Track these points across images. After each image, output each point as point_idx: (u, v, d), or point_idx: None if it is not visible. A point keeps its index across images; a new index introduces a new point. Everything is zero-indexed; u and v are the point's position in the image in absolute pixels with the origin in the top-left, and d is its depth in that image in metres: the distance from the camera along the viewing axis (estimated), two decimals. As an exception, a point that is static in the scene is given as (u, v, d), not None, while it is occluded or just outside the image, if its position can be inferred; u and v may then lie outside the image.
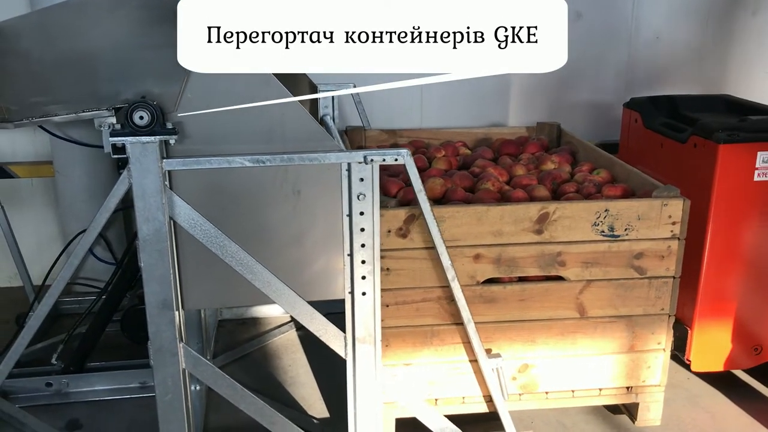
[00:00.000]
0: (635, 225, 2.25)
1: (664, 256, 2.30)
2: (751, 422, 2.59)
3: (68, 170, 3.25)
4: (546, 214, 2.21)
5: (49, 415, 2.56)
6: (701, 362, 2.69)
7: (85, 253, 2.02)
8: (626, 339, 2.38)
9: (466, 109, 3.71)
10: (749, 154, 2.46)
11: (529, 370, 2.37)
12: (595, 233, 2.25)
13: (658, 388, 2.46)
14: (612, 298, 2.33)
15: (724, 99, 3.09)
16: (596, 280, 2.30)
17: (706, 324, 2.63)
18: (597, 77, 3.76)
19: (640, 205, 2.25)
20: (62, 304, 3.31)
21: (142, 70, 1.83)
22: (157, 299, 1.95)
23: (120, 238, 3.45)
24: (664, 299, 2.35)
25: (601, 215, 2.23)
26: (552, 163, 2.78)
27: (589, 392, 2.43)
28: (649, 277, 2.32)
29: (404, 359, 2.29)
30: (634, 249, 2.28)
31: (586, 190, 2.50)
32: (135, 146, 1.82)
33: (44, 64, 1.80)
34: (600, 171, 2.67)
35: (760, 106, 2.91)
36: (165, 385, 2.03)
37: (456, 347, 2.30)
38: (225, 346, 3.06)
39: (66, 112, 1.85)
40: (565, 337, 2.35)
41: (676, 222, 2.27)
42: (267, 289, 2.03)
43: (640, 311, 2.35)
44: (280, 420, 2.17)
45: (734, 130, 2.47)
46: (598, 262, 2.28)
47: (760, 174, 2.48)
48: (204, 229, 1.96)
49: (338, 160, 1.96)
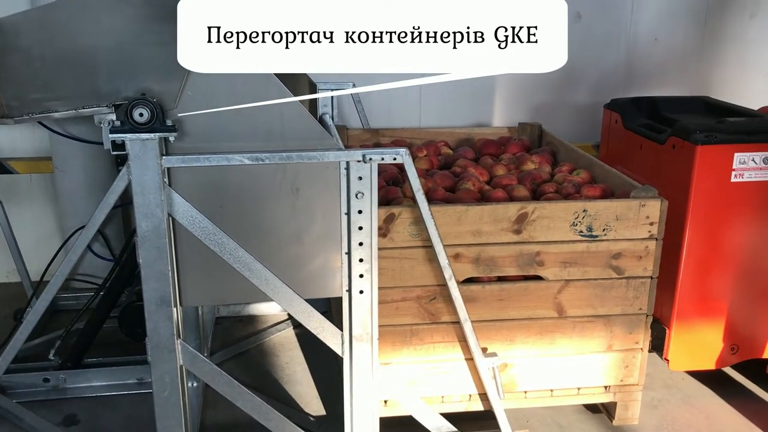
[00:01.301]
0: (613, 225, 2.27)
1: (641, 257, 2.31)
2: (745, 423, 2.61)
3: (67, 166, 3.25)
4: (525, 214, 2.22)
5: (47, 411, 2.57)
6: (679, 361, 2.71)
7: (84, 249, 2.02)
8: (604, 339, 2.40)
9: (465, 109, 3.72)
10: (726, 155, 2.48)
11: (508, 370, 2.38)
12: (573, 233, 2.26)
13: (636, 387, 2.47)
14: (590, 297, 2.34)
15: (704, 101, 3.12)
16: (574, 280, 2.31)
17: (683, 323, 2.65)
18: (595, 78, 3.78)
19: (618, 205, 2.27)
20: (60, 300, 3.32)
21: (143, 68, 1.83)
22: (155, 296, 1.96)
23: (118, 235, 3.46)
24: (642, 299, 2.36)
25: (580, 215, 2.24)
26: (532, 164, 2.80)
27: (568, 391, 2.45)
28: (627, 277, 2.33)
29: (383, 358, 2.28)
30: (612, 249, 2.30)
31: (565, 190, 2.51)
32: (134, 143, 1.82)
33: (45, 60, 1.80)
34: (580, 171, 2.68)
35: (738, 108, 2.94)
36: (162, 381, 2.04)
37: (436, 346, 2.31)
38: (222, 344, 3.06)
39: (66, 108, 1.86)
40: (543, 336, 2.36)
41: (654, 222, 2.28)
42: (265, 287, 2.04)
43: (618, 311, 2.37)
44: (276, 417, 2.18)
45: (712, 131, 2.49)
46: (577, 262, 2.29)
47: (737, 175, 2.50)
48: (202, 227, 1.96)
49: (337, 158, 1.97)
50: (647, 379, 2.84)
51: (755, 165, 2.50)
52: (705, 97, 3.20)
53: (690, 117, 2.86)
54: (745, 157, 2.48)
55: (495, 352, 2.33)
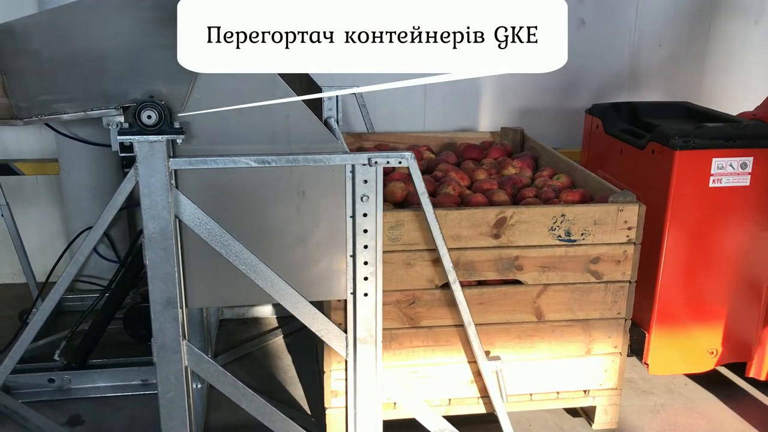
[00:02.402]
0: (592, 230, 2.27)
1: (620, 261, 2.32)
2: (747, 428, 2.61)
3: (73, 168, 3.27)
4: (503, 219, 2.22)
5: (51, 411, 2.58)
6: (658, 366, 2.72)
7: (90, 250, 2.04)
8: (583, 343, 2.40)
9: (467, 112, 3.74)
10: (704, 160, 2.49)
11: None
12: (552, 238, 2.26)
13: (615, 392, 2.48)
14: (569, 302, 2.34)
15: (685, 106, 3.13)
16: (553, 284, 2.32)
17: (663, 328, 2.66)
18: (598, 83, 3.79)
19: (597, 210, 2.27)
20: (65, 301, 3.33)
21: (151, 70, 1.84)
22: (161, 297, 1.97)
23: (123, 237, 3.47)
24: (621, 303, 2.37)
25: (558, 220, 2.25)
26: (513, 168, 2.81)
27: (547, 395, 2.45)
28: (606, 282, 2.34)
29: None
30: (590, 253, 2.30)
31: (544, 195, 2.52)
32: (142, 145, 1.84)
33: (54, 62, 1.82)
34: (560, 176, 2.69)
35: (718, 113, 2.94)
36: (167, 382, 2.05)
37: (415, 351, 2.31)
38: (226, 346, 3.07)
39: (74, 110, 1.87)
40: (522, 340, 2.36)
41: (632, 227, 2.29)
42: (270, 289, 2.05)
43: (596, 315, 2.37)
44: (280, 418, 2.19)
45: (690, 136, 2.50)
46: (555, 267, 2.30)
47: (715, 180, 2.51)
48: (209, 228, 1.98)
49: (343, 161, 1.99)
50: (649, 384, 2.85)
51: (733, 170, 2.51)
52: (686, 102, 3.22)
53: (670, 122, 2.87)
54: (723, 162, 2.49)
55: (498, 356, 2.34)
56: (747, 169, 2.51)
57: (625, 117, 3.07)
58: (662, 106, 3.19)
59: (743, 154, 2.50)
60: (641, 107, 3.09)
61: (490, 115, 3.74)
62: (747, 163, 2.51)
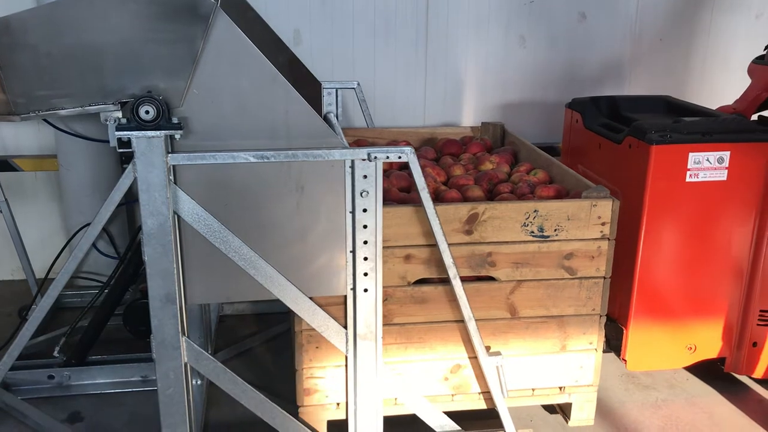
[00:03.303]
0: (565, 225, 2.25)
1: (594, 257, 2.30)
2: (748, 423, 2.61)
3: (72, 164, 3.26)
4: (475, 215, 2.20)
5: (51, 407, 2.58)
6: (636, 362, 2.70)
7: (89, 246, 2.03)
8: (558, 339, 2.38)
9: (469, 107, 3.73)
10: (681, 155, 2.47)
11: (462, 371, 2.36)
12: (524, 234, 2.25)
13: (591, 388, 2.46)
14: (543, 298, 2.33)
15: (665, 100, 3.12)
16: (527, 280, 2.30)
17: (640, 323, 2.65)
18: (598, 77, 3.78)
19: (570, 205, 2.25)
20: (64, 298, 3.33)
21: (149, 65, 1.83)
22: (160, 293, 1.96)
23: (123, 233, 3.47)
24: (595, 299, 2.35)
25: (531, 216, 2.23)
26: (490, 164, 2.80)
27: (522, 392, 2.43)
28: (580, 278, 2.32)
29: (335, 361, 2.27)
30: (564, 249, 2.28)
31: (519, 190, 2.51)
32: (140, 141, 1.83)
33: (52, 57, 1.81)
34: (537, 172, 2.68)
35: (697, 107, 2.93)
36: (167, 378, 2.05)
37: (388, 348, 2.28)
38: (226, 342, 3.07)
39: (72, 105, 1.86)
40: (496, 337, 2.34)
41: (606, 222, 2.27)
42: (269, 285, 2.05)
43: (571, 311, 2.36)
44: (280, 415, 2.18)
45: (666, 131, 2.48)
46: (529, 263, 2.28)
47: (692, 175, 2.49)
48: (208, 224, 1.97)
49: (342, 157, 1.98)
50: (651, 379, 2.85)
51: (710, 165, 2.49)
52: (666, 96, 3.19)
53: (649, 117, 2.85)
54: (700, 156, 2.47)
55: (499, 351, 2.33)
56: (724, 163, 2.49)
57: (605, 111, 3.04)
58: (642, 100, 3.16)
59: (720, 149, 2.48)
60: (621, 101, 3.07)
61: (490, 109, 3.73)
62: (724, 158, 2.48)
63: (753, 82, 2.84)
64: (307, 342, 2.23)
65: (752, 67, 2.86)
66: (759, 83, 2.79)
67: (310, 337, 2.22)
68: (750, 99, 2.80)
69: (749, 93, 2.83)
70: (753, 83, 2.84)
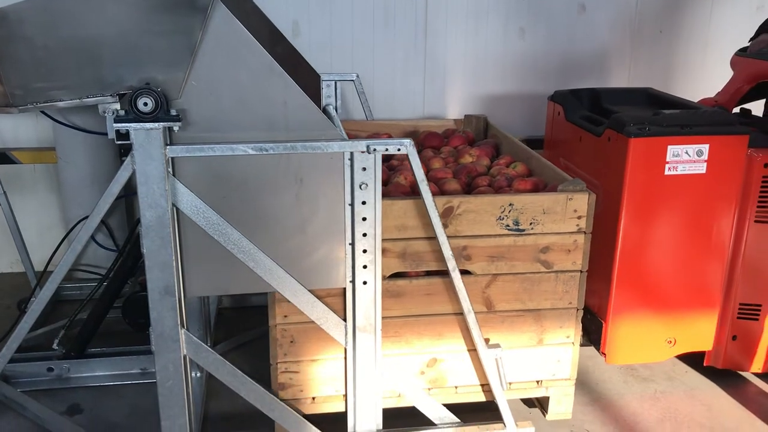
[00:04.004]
0: (540, 219, 2.24)
1: (570, 250, 2.29)
2: (747, 415, 2.61)
3: (71, 157, 3.25)
4: (450, 209, 2.18)
5: (50, 400, 2.58)
6: (615, 355, 2.69)
7: (87, 238, 2.02)
8: (534, 333, 2.37)
9: (468, 99, 3.72)
10: (660, 148, 2.45)
11: (438, 365, 2.35)
12: (500, 227, 2.23)
13: (568, 382, 2.45)
14: (519, 292, 2.31)
15: (647, 92, 3.09)
16: (502, 274, 2.28)
17: (620, 317, 2.63)
18: (598, 68, 3.77)
19: (545, 199, 2.23)
20: (64, 290, 3.33)
21: (147, 57, 1.82)
22: (159, 285, 1.96)
23: (122, 225, 3.46)
24: (572, 293, 2.34)
25: (506, 209, 2.21)
26: (470, 157, 2.77)
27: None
28: (556, 271, 2.31)
29: (310, 355, 2.26)
30: (539, 243, 2.27)
31: (497, 183, 2.49)
32: (139, 133, 1.82)
33: (49, 49, 1.80)
34: (517, 165, 2.66)
35: (679, 100, 2.90)
36: (166, 370, 2.05)
37: None
38: (225, 334, 3.07)
39: (70, 97, 1.85)
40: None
41: (582, 216, 2.26)
42: (268, 277, 2.04)
43: (547, 305, 2.35)
44: (279, 407, 2.18)
45: (645, 123, 2.45)
46: (504, 256, 2.26)
47: (671, 168, 2.47)
48: (206, 216, 1.96)
49: (341, 149, 1.97)
50: (649, 371, 2.85)
51: (689, 158, 2.46)
52: (648, 88, 3.16)
53: (630, 109, 2.83)
54: (679, 149, 2.45)
55: (498, 344, 2.33)
56: (703, 156, 2.47)
57: (587, 104, 3.02)
58: (624, 92, 3.14)
59: (699, 141, 2.45)
60: (603, 94, 3.05)
61: (489, 101, 3.72)
62: (703, 151, 2.46)
63: (735, 74, 2.82)
64: (281, 336, 2.22)
65: (735, 59, 2.84)
66: (741, 75, 2.77)
67: (284, 332, 2.21)
68: (732, 91, 2.79)
69: (731, 85, 2.82)
70: (735, 75, 2.82)
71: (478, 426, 2.34)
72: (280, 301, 2.17)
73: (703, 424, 2.56)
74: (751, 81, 2.77)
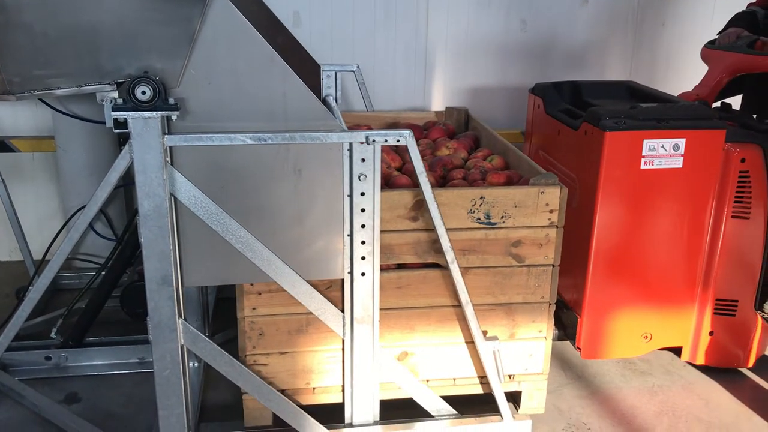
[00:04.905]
0: (512, 213, 2.22)
1: (542, 244, 2.27)
2: (744, 410, 2.61)
3: (70, 145, 3.24)
4: (421, 201, 2.15)
5: (48, 388, 2.58)
6: (591, 350, 2.67)
7: (85, 227, 2.02)
8: (506, 327, 2.36)
9: (468, 89, 3.70)
10: (635, 141, 2.42)
11: (409, 359, 2.34)
12: (471, 221, 2.21)
13: (541, 377, 2.44)
14: (490, 285, 2.30)
15: (628, 86, 3.06)
16: (474, 267, 2.26)
17: (595, 312, 2.62)
18: (601, 62, 3.76)
19: (516, 192, 2.21)
20: (62, 279, 3.33)
21: (146, 45, 1.81)
22: (156, 275, 1.96)
23: (121, 215, 3.46)
24: (544, 287, 2.32)
25: (477, 203, 2.19)
26: (447, 149, 2.75)
27: (471, 380, 2.39)
28: (528, 265, 2.29)
29: (279, 347, 2.25)
30: (511, 237, 2.25)
31: (471, 176, 2.47)
32: (137, 121, 1.82)
33: (47, 36, 1.79)
34: (494, 158, 2.64)
35: (659, 93, 2.87)
36: (163, 360, 2.04)
37: (332, 335, 2.23)
38: (224, 324, 3.07)
39: (68, 85, 1.84)
40: (444, 324, 2.31)
41: (554, 210, 2.23)
42: (266, 268, 2.04)
43: (519, 299, 2.33)
44: (277, 397, 2.18)
45: (621, 117, 2.43)
46: (475, 250, 2.24)
47: (647, 162, 2.44)
48: (204, 206, 1.96)
49: (340, 139, 1.96)
50: (647, 365, 2.85)
51: (665, 152, 2.44)
52: (630, 81, 3.14)
53: (609, 103, 2.80)
54: (655, 143, 2.42)
55: (496, 336, 2.33)
56: (680, 150, 2.44)
57: (567, 97, 2.99)
58: (605, 85, 3.11)
59: (675, 135, 2.43)
60: (584, 87, 3.02)
61: (487, 92, 3.71)
62: (679, 145, 2.43)
63: (711, 67, 2.80)
64: (249, 329, 2.21)
65: (706, 52, 2.82)
66: (718, 68, 2.75)
67: (253, 324, 2.21)
68: (711, 84, 2.76)
69: (709, 78, 2.79)
70: (711, 68, 2.80)
71: (475, 418, 2.34)
72: (248, 293, 2.16)
73: (701, 419, 2.56)
74: (730, 74, 2.74)
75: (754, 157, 2.50)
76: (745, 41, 2.68)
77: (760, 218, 2.56)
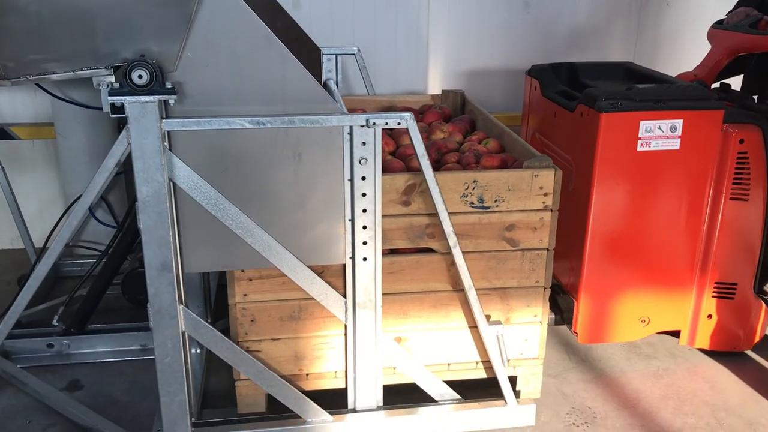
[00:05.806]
0: (505, 196, 2.18)
1: (536, 228, 2.23)
2: (750, 393, 2.60)
3: (69, 132, 3.22)
4: (413, 186, 2.12)
5: (51, 376, 2.58)
6: (587, 334, 2.65)
7: (84, 212, 2.00)
8: (501, 311, 2.33)
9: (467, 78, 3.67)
10: (632, 123, 2.38)
11: (403, 344, 2.31)
12: (464, 204, 2.17)
13: (537, 361, 2.42)
14: (484, 270, 2.26)
15: (625, 67, 3.02)
16: (467, 252, 2.21)
17: (592, 296, 2.58)
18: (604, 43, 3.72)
19: (510, 175, 2.17)
20: (64, 267, 3.32)
21: (142, 29, 1.78)
22: (156, 261, 1.94)
23: (122, 202, 3.44)
24: (539, 271, 2.29)
25: (470, 186, 2.15)
26: (442, 133, 2.71)
27: (466, 365, 2.37)
28: (522, 249, 2.26)
29: (271, 334, 2.23)
30: (505, 221, 2.21)
31: (465, 160, 2.44)
32: (134, 106, 1.79)
33: (42, 19, 1.76)
34: (489, 141, 2.60)
35: (657, 74, 2.83)
36: (164, 347, 2.03)
37: (325, 321, 2.22)
38: (226, 311, 3.05)
39: (64, 69, 1.82)
40: (437, 309, 2.28)
41: (548, 193, 2.20)
42: (267, 253, 2.02)
43: (514, 283, 2.30)
44: (279, 383, 2.17)
45: (617, 98, 2.39)
46: (469, 234, 2.21)
47: (644, 144, 2.40)
48: (204, 192, 1.94)
49: (340, 123, 1.94)
50: (652, 349, 2.84)
51: (662, 133, 2.39)
52: (628, 62, 3.09)
53: (606, 84, 2.76)
54: (651, 125, 2.38)
55: (499, 321, 2.31)
56: (677, 132, 2.40)
57: (564, 79, 2.94)
58: (602, 66, 3.06)
59: (672, 117, 2.38)
60: (581, 68, 2.97)
61: (486, 75, 3.67)
62: (676, 126, 2.39)
63: (713, 48, 2.76)
64: (241, 315, 2.20)
65: (712, 32, 2.77)
66: (719, 48, 2.71)
67: (245, 311, 2.19)
68: (710, 65, 2.72)
69: (709, 59, 2.75)
70: (713, 48, 2.76)
71: (479, 402, 2.33)
72: (239, 279, 2.14)
73: (706, 401, 2.54)
74: (730, 54, 2.71)
75: (753, 137, 2.46)
76: (751, 20, 2.64)
77: (759, 200, 2.52)
